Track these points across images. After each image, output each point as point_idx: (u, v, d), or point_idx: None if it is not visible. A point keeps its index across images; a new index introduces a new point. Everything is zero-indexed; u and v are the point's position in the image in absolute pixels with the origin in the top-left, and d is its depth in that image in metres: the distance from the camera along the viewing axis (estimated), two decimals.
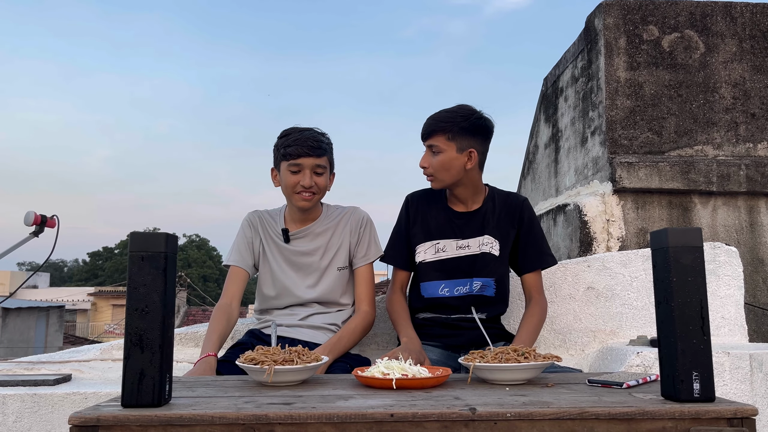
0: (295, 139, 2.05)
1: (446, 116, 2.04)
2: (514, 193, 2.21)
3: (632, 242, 3.58)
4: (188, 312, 25.46)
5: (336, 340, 1.98)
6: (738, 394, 2.01)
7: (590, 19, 4.07)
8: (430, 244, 2.12)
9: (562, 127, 4.67)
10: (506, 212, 2.13)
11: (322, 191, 2.10)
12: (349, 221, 2.17)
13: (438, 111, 2.08)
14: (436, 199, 2.17)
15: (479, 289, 2.08)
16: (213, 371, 1.83)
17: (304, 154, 2.03)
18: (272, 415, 1.08)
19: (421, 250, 2.13)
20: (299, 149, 2.02)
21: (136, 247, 1.18)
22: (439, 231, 2.13)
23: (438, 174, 2.04)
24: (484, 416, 1.09)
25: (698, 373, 1.16)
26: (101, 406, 1.14)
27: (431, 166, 2.04)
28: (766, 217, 3.68)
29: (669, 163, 3.64)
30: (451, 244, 2.11)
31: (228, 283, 2.12)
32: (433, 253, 2.11)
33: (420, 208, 2.17)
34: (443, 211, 2.14)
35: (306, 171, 2.04)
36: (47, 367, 2.21)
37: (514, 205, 2.14)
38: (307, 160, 2.03)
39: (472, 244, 2.10)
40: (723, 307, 2.48)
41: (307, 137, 2.05)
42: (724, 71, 3.83)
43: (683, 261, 1.19)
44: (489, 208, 2.13)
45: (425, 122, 2.07)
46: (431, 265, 2.11)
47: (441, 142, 2.02)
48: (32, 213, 2.37)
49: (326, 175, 2.09)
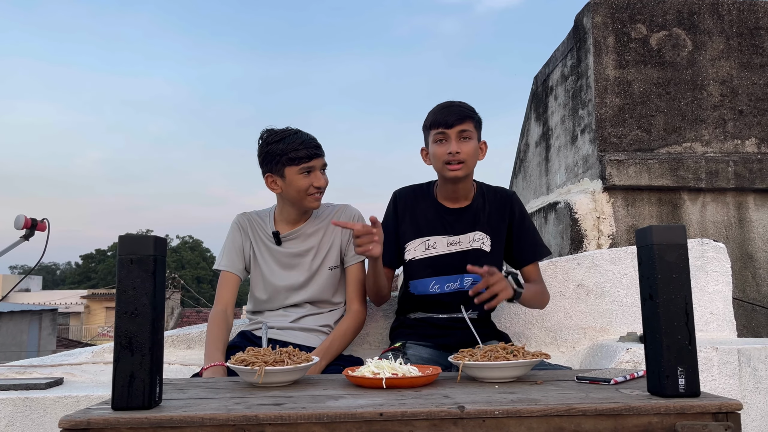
0: (300, 141, 2.01)
1: (467, 105, 2.02)
2: (502, 188, 2.19)
3: (622, 239, 3.60)
4: (182, 314, 25.40)
5: (327, 345, 1.98)
6: (726, 388, 2.03)
7: (579, 18, 4.09)
8: (420, 241, 2.10)
9: (552, 125, 4.69)
10: (496, 207, 2.12)
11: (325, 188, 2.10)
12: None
13: (450, 101, 2.04)
14: (425, 195, 2.15)
15: (470, 285, 2.05)
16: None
17: (315, 155, 2.01)
18: (262, 416, 1.09)
19: (411, 247, 2.11)
20: (309, 151, 2.00)
21: (125, 250, 1.18)
22: (429, 227, 2.10)
23: (469, 160, 1.99)
24: (472, 414, 1.10)
25: (683, 368, 1.18)
26: (91, 409, 1.14)
27: (464, 151, 1.97)
28: (755, 213, 3.71)
29: (658, 160, 3.66)
30: (442, 240, 2.09)
31: (220, 289, 2.11)
32: (423, 250, 2.09)
33: (408, 203, 2.15)
34: (433, 207, 2.12)
35: (317, 172, 2.03)
36: (39, 371, 2.21)
37: (503, 200, 2.13)
38: (318, 160, 2.02)
39: (463, 240, 2.08)
40: (711, 302, 2.50)
41: (307, 138, 2.03)
42: (711, 69, 3.85)
43: (668, 258, 1.20)
44: (479, 203, 2.11)
45: (450, 108, 2.00)
46: (421, 262, 2.09)
47: (471, 128, 1.99)
48: (22, 217, 2.37)
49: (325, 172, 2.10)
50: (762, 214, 3.71)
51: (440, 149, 1.99)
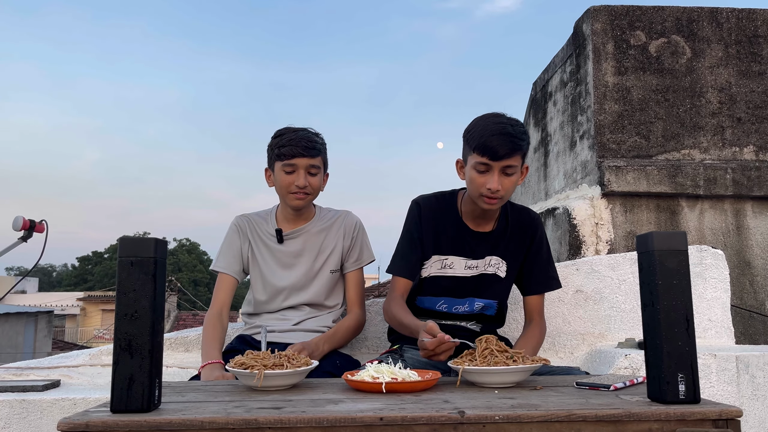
0: (289, 139, 2.04)
1: (521, 132, 1.80)
2: (527, 210, 2.07)
3: (621, 245, 3.61)
4: (179, 317, 25.33)
5: (332, 333, 2.03)
6: (724, 395, 2.03)
7: (578, 25, 4.10)
8: (437, 259, 2.00)
9: (551, 131, 4.70)
10: (518, 231, 2.02)
11: (315, 191, 2.09)
12: (343, 224, 2.17)
13: (503, 123, 1.80)
14: (449, 209, 2.02)
15: (480, 309, 2.01)
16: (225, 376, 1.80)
17: (299, 154, 2.02)
18: (262, 420, 1.09)
19: (428, 264, 2.01)
20: (293, 149, 2.02)
21: (125, 252, 1.18)
22: (450, 247, 1.99)
23: (507, 195, 1.84)
24: (472, 419, 1.10)
25: (684, 374, 1.18)
26: (90, 412, 1.14)
27: (504, 188, 1.80)
28: (753, 221, 3.72)
29: (657, 166, 3.67)
30: (460, 262, 1.99)
31: (217, 291, 2.12)
32: (439, 267, 2.00)
33: (431, 215, 2.01)
34: (456, 226, 1.99)
35: (300, 171, 2.03)
36: (36, 373, 2.19)
37: (526, 225, 2.03)
38: (301, 160, 2.03)
39: (480, 264, 2.00)
40: (710, 309, 2.50)
41: (301, 137, 2.04)
42: (710, 76, 3.87)
43: (668, 264, 1.20)
44: (502, 227, 2.01)
45: (502, 138, 1.77)
46: (434, 281, 2.01)
47: (518, 162, 1.82)
48: (20, 218, 2.36)
49: (320, 175, 2.09)
50: (760, 221, 3.72)
51: (480, 179, 1.82)
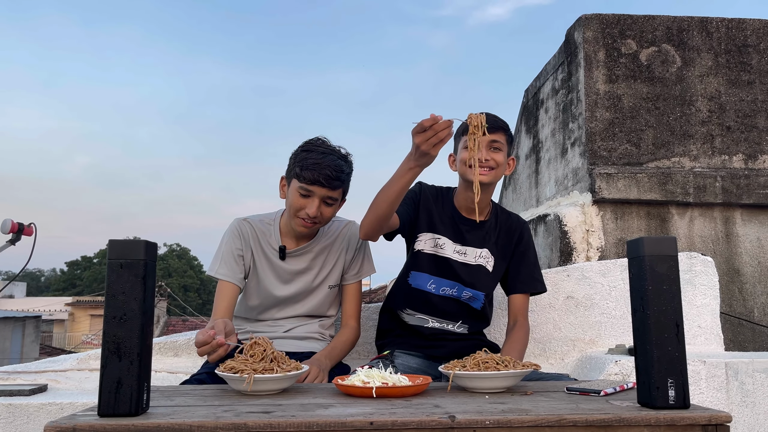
0: (314, 162, 1.89)
1: (502, 120, 2.04)
2: (516, 215, 2.21)
3: (611, 252, 3.62)
4: (168, 322, 25.16)
5: (331, 349, 1.96)
6: (714, 401, 2.04)
7: (570, 33, 4.13)
8: (431, 236, 2.09)
9: (542, 138, 4.72)
10: (506, 231, 2.14)
11: (325, 221, 1.99)
12: (346, 237, 2.11)
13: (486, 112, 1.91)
14: (444, 198, 2.15)
15: (468, 299, 2.08)
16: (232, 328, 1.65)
17: (319, 183, 1.88)
18: (251, 424, 1.08)
19: (423, 239, 2.10)
20: (315, 175, 1.88)
21: (115, 254, 1.17)
22: (441, 227, 2.10)
23: (498, 170, 2.01)
24: (463, 424, 1.10)
25: (673, 380, 1.18)
26: (77, 416, 1.12)
27: (494, 159, 1.99)
28: (742, 228, 3.75)
29: (647, 174, 3.69)
30: (450, 245, 2.09)
31: (219, 300, 1.97)
32: (431, 245, 2.09)
33: (429, 197, 2.13)
34: (449, 212, 2.12)
35: (315, 200, 1.91)
36: (23, 377, 2.17)
37: (515, 225, 2.15)
38: (320, 189, 1.90)
39: (470, 253, 2.09)
40: (699, 316, 2.52)
41: (327, 165, 1.89)
42: (700, 85, 3.90)
43: (658, 269, 1.21)
44: (492, 223, 2.13)
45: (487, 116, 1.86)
46: (426, 257, 2.09)
47: (503, 140, 2.01)
48: (9, 221, 2.35)
49: (336, 206, 1.98)
50: (749, 229, 3.75)
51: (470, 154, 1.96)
